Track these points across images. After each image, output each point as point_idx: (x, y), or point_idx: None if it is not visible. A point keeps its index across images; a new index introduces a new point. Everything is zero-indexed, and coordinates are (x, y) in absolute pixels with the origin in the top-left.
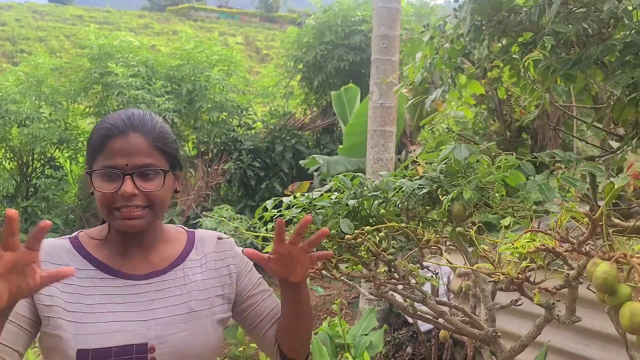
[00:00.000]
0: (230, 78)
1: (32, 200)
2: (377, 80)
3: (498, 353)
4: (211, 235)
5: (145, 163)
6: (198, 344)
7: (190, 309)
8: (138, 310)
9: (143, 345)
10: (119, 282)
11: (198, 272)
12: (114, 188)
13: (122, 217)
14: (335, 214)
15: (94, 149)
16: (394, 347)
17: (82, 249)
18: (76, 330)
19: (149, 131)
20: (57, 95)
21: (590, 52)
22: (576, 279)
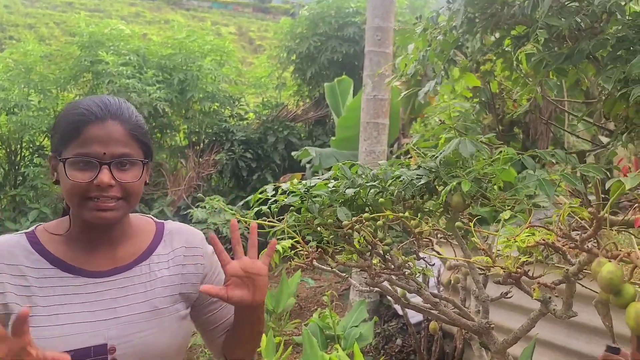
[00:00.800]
0: (222, 68)
1: (20, 189)
2: (371, 73)
3: (491, 345)
4: (182, 229)
5: (123, 153)
6: (162, 342)
7: (154, 306)
8: (98, 310)
9: (102, 346)
10: (80, 281)
11: (164, 268)
12: (89, 177)
13: (96, 208)
14: (332, 202)
15: (66, 134)
16: (383, 339)
17: (39, 245)
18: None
19: (127, 119)
20: (47, 83)
21: (583, 47)
22: (575, 275)
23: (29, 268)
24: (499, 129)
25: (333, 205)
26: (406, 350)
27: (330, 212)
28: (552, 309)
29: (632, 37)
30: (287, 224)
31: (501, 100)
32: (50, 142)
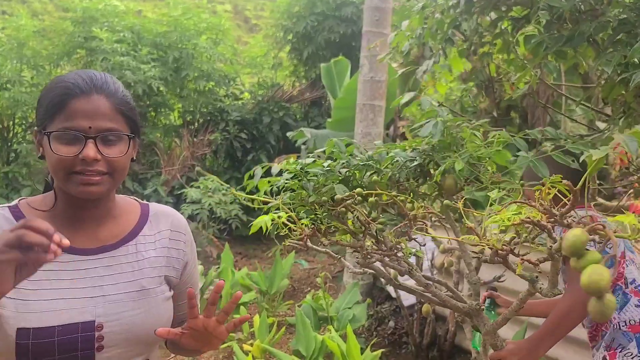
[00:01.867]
0: (217, 47)
1: (13, 166)
2: (368, 54)
3: (481, 326)
4: (167, 211)
5: (109, 127)
6: (148, 322)
7: (141, 286)
8: (86, 287)
9: (90, 323)
10: (66, 257)
11: (151, 249)
12: (74, 152)
13: (81, 182)
14: (326, 182)
15: (51, 108)
16: (376, 321)
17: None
18: (17, 309)
19: (113, 94)
20: (39, 58)
21: (583, 29)
22: (558, 252)
23: None
24: (496, 113)
25: (327, 184)
26: (399, 332)
27: (325, 190)
28: (539, 288)
29: (634, 20)
30: (282, 202)
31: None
32: (35, 116)
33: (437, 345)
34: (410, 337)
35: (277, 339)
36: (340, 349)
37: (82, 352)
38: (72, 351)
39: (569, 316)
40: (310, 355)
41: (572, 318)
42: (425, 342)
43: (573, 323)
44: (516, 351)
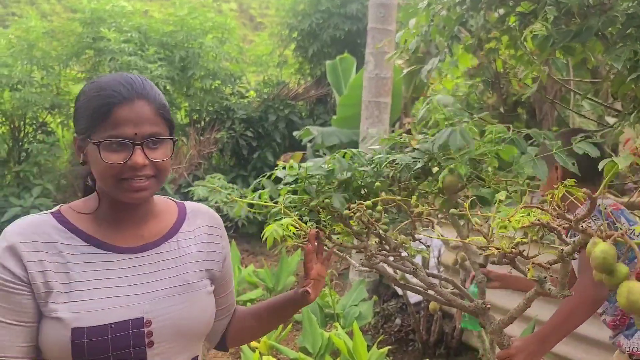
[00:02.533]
0: (223, 45)
1: (24, 165)
2: (373, 50)
3: (487, 325)
4: (203, 208)
5: (153, 132)
6: (194, 316)
7: (185, 281)
8: (133, 284)
9: (139, 319)
10: (113, 257)
11: (192, 244)
12: (122, 159)
13: (131, 189)
14: (328, 185)
15: (96, 117)
16: (382, 318)
17: (69, 224)
18: (71, 309)
19: (153, 98)
20: (49, 59)
21: (591, 24)
22: (570, 255)
23: (64, 245)
24: (503, 109)
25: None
26: (405, 329)
27: (327, 194)
28: (548, 289)
29: None
30: (284, 205)
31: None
32: (75, 124)
33: (444, 342)
34: (417, 335)
35: (283, 336)
36: (346, 346)
37: (134, 349)
38: (125, 348)
39: (578, 311)
40: (316, 352)
41: (581, 313)
42: (432, 340)
43: (582, 319)
44: (523, 347)
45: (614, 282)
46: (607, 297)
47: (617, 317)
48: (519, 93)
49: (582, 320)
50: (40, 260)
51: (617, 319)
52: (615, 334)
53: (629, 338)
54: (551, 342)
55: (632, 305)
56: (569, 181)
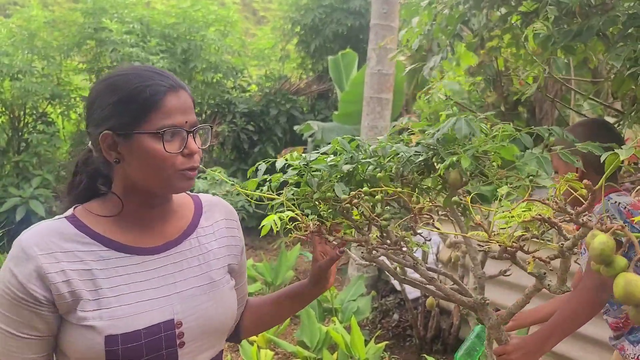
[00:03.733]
0: (226, 39)
1: (23, 155)
2: (376, 47)
3: (485, 320)
4: (217, 201)
5: (196, 120)
6: (220, 312)
7: (210, 279)
8: (160, 286)
9: (170, 321)
10: (136, 259)
11: (213, 240)
12: (178, 147)
13: (186, 177)
14: (330, 178)
15: (146, 108)
16: (380, 314)
17: (85, 227)
18: (102, 317)
19: (188, 89)
20: (50, 49)
21: (593, 23)
22: (570, 250)
23: (84, 252)
24: (504, 108)
25: (332, 180)
26: (403, 325)
27: (329, 186)
28: (547, 284)
29: None
30: (286, 198)
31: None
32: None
33: (441, 338)
34: (415, 330)
35: (282, 330)
36: (344, 340)
37: (166, 350)
38: (158, 350)
39: (580, 313)
40: (314, 346)
41: (583, 315)
42: (430, 336)
43: (583, 320)
44: (522, 345)
45: (611, 274)
46: (607, 300)
47: (620, 320)
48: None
49: (583, 322)
50: (62, 270)
51: (621, 321)
52: (617, 335)
53: (634, 345)
54: (551, 343)
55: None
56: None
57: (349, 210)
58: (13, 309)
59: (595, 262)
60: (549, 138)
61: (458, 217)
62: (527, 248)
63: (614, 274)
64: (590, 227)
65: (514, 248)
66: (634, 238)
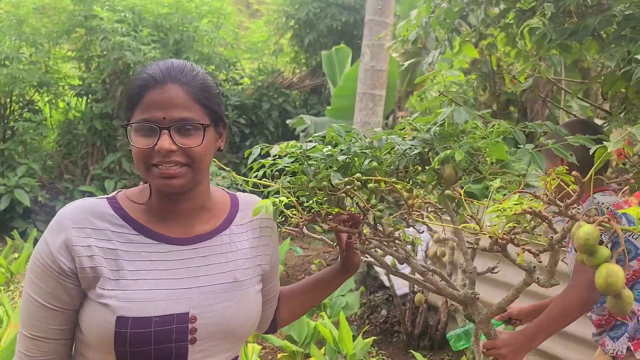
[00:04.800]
0: (219, 31)
1: (9, 143)
2: (370, 42)
3: (475, 315)
4: (255, 200)
5: (183, 117)
6: (240, 315)
7: (235, 278)
8: (182, 278)
9: (184, 314)
10: (164, 248)
11: (245, 239)
12: (150, 143)
13: (160, 176)
14: (326, 167)
15: (131, 101)
16: (369, 309)
17: (121, 210)
18: (118, 297)
19: (188, 82)
20: (38, 36)
21: (589, 23)
22: (559, 243)
23: (114, 232)
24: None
25: (327, 171)
26: (391, 321)
27: (324, 175)
28: (537, 278)
29: (639, 16)
30: (282, 186)
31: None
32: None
33: (429, 335)
34: (402, 326)
35: None
36: (332, 335)
37: (176, 344)
38: (167, 342)
39: (568, 312)
40: (302, 340)
41: (571, 314)
42: (417, 332)
43: (571, 319)
44: (510, 341)
45: (594, 263)
46: (598, 299)
47: (603, 317)
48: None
49: (571, 321)
50: (89, 245)
51: (603, 318)
52: (599, 332)
53: (614, 340)
54: (538, 340)
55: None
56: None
57: (344, 200)
58: (43, 277)
59: (580, 251)
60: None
61: (451, 212)
62: (517, 242)
63: (597, 263)
64: (578, 220)
65: (505, 240)
66: (619, 230)
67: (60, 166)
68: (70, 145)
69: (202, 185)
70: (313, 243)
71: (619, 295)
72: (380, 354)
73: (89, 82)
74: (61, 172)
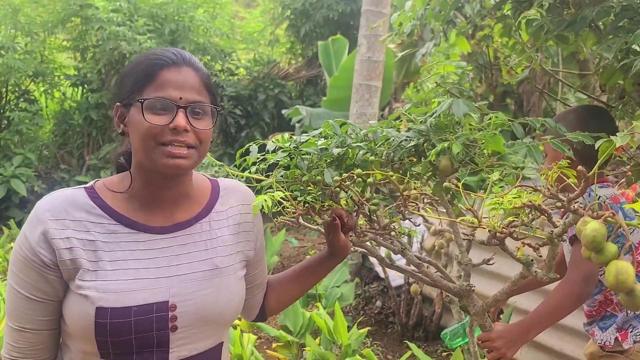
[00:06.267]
0: (214, 20)
1: (5, 133)
2: (366, 33)
3: (470, 307)
4: (236, 186)
5: (197, 99)
6: (221, 302)
7: (214, 265)
8: (161, 267)
9: (164, 303)
10: (143, 237)
11: (224, 226)
12: (164, 121)
13: (168, 155)
14: (320, 161)
15: (142, 79)
16: (364, 300)
17: (99, 200)
18: (97, 288)
19: (199, 68)
20: (34, 25)
21: (586, 14)
22: (559, 237)
23: (93, 223)
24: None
25: (321, 164)
26: (385, 312)
27: (318, 170)
28: (534, 272)
29: (636, 7)
30: (275, 180)
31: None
32: (118, 92)
33: (423, 326)
34: (397, 317)
35: None
36: (327, 325)
37: (157, 332)
38: (148, 331)
39: (564, 304)
40: (297, 330)
41: (566, 306)
42: (411, 323)
43: (566, 312)
44: (505, 334)
45: (602, 261)
46: (592, 292)
47: (593, 308)
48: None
49: (566, 313)
50: (67, 237)
51: (594, 309)
52: (590, 322)
53: (603, 331)
54: (533, 332)
55: (620, 285)
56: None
57: (338, 194)
58: (24, 269)
59: (587, 248)
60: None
61: (447, 204)
62: (516, 235)
63: (605, 261)
64: (581, 214)
65: (503, 234)
66: (625, 225)
67: (56, 156)
68: (66, 136)
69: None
70: (309, 234)
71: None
72: (374, 344)
73: (84, 72)
74: (57, 162)
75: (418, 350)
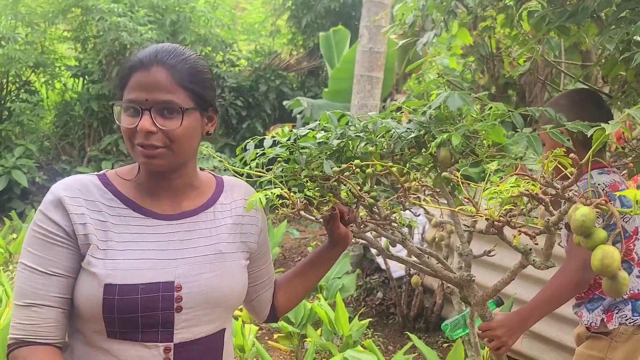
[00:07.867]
0: (215, 11)
1: (6, 124)
2: (368, 24)
3: (471, 297)
4: (240, 182)
5: (165, 99)
6: (224, 286)
7: (218, 250)
8: (168, 249)
9: (170, 283)
10: (150, 222)
11: (228, 217)
12: (133, 123)
13: (142, 154)
14: (319, 154)
15: (120, 82)
16: (365, 291)
17: (111, 186)
18: (105, 266)
19: (174, 65)
20: (34, 16)
21: (588, 4)
22: (556, 225)
23: (105, 205)
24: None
25: (321, 157)
26: (386, 303)
27: (317, 164)
28: (532, 260)
29: None
30: (274, 175)
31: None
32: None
33: (424, 317)
34: (398, 309)
35: None
36: (328, 316)
37: (162, 312)
38: (154, 310)
39: (562, 292)
40: (299, 321)
41: (564, 294)
42: (412, 314)
43: (564, 299)
44: (505, 322)
45: (590, 245)
46: (591, 280)
47: (584, 291)
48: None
49: (564, 301)
50: (82, 213)
51: (583, 292)
52: (578, 303)
53: (590, 312)
54: (532, 320)
55: (605, 269)
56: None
57: (337, 187)
58: (43, 245)
59: (576, 233)
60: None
61: (447, 195)
62: (513, 224)
63: (593, 245)
64: (574, 202)
65: (501, 223)
66: (616, 212)
67: (57, 147)
68: (67, 127)
69: (187, 166)
70: (310, 226)
71: (614, 277)
72: (376, 335)
73: (85, 63)
74: (58, 154)
75: (419, 342)
